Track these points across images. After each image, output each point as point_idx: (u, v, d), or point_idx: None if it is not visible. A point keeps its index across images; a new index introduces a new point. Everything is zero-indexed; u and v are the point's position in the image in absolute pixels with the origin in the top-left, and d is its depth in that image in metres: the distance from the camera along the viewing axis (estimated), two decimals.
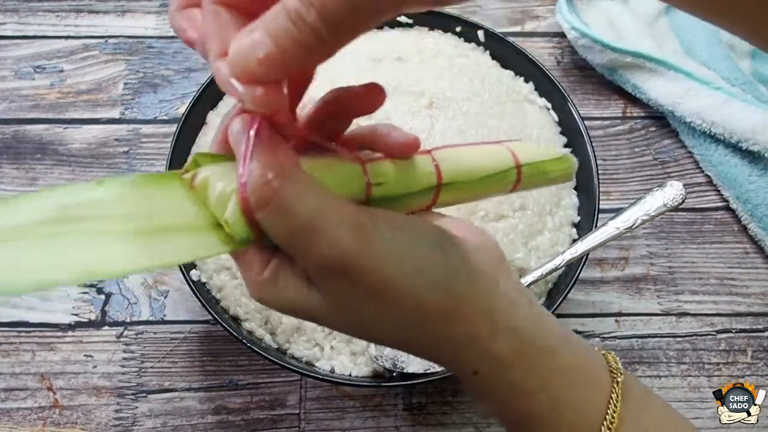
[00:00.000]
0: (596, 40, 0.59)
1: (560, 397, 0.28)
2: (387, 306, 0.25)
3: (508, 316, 0.27)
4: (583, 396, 0.28)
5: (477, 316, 0.27)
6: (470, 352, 0.28)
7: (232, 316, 0.47)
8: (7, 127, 0.59)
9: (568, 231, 0.51)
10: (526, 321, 0.28)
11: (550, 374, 0.28)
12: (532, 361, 0.28)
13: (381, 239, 0.24)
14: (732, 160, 0.56)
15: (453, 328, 0.27)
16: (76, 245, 0.23)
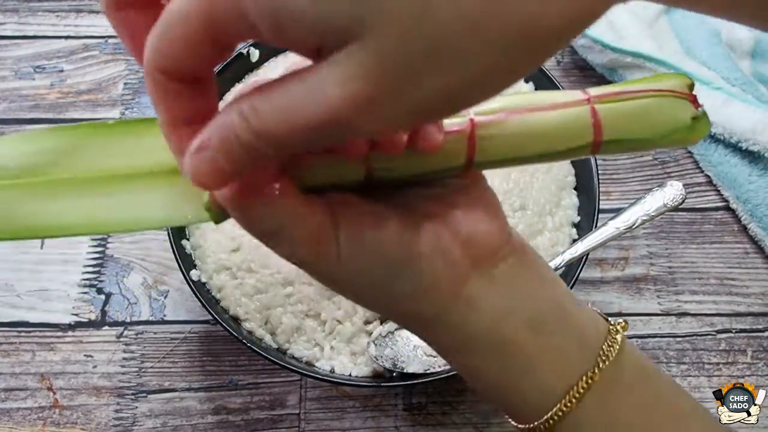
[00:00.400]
0: (596, 40, 0.59)
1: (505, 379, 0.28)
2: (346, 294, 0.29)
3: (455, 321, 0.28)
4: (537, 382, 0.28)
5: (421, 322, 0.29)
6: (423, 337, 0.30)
7: (232, 316, 0.47)
8: (7, 127, 0.59)
9: (568, 231, 0.51)
10: (479, 323, 0.28)
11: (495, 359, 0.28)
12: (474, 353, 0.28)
13: (338, 260, 0.25)
14: (732, 160, 0.56)
15: (404, 323, 0.30)
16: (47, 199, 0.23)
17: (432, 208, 0.27)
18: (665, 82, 0.28)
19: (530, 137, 0.26)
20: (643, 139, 0.27)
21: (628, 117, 0.27)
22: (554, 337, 0.28)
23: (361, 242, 0.25)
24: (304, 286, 0.46)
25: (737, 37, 0.62)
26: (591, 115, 0.27)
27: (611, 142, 0.27)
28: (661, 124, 0.27)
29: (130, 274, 0.52)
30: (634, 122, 0.27)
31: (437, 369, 0.44)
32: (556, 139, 0.27)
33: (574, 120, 0.27)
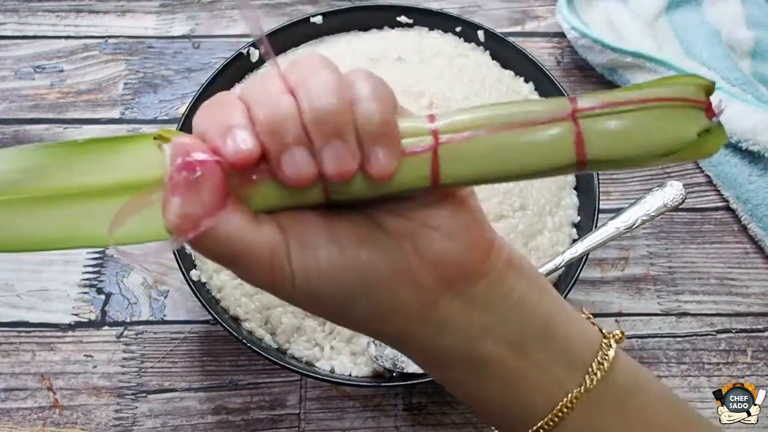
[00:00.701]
0: (596, 40, 0.59)
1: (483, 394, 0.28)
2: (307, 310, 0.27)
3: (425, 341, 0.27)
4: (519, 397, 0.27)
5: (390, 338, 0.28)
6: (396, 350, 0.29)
7: (232, 316, 0.47)
8: (7, 127, 0.59)
9: (568, 231, 0.51)
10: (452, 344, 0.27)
11: (474, 374, 0.27)
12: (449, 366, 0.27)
13: (293, 287, 0.25)
14: (732, 160, 0.56)
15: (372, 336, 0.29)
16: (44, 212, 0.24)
17: (399, 224, 0.25)
18: (674, 87, 0.24)
19: (502, 158, 0.24)
20: (635, 158, 0.24)
21: (618, 134, 0.24)
22: (538, 355, 0.27)
23: (315, 267, 0.24)
24: None
25: (737, 37, 0.62)
26: (574, 133, 0.24)
27: (597, 162, 0.24)
28: (659, 140, 0.24)
29: (130, 274, 0.52)
30: (626, 140, 0.24)
31: None
32: (531, 161, 0.24)
33: (552, 141, 0.24)
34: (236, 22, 0.65)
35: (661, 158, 0.24)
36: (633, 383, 0.28)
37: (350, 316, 0.26)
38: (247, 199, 0.24)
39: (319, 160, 0.23)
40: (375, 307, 0.25)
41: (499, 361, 0.27)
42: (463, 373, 0.27)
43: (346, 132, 0.23)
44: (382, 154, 0.23)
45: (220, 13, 0.66)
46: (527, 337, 0.27)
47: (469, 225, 0.26)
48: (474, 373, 0.27)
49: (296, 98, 0.23)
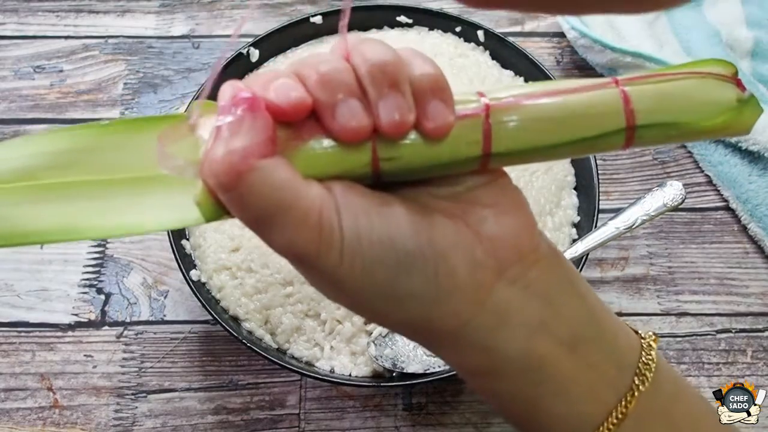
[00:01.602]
0: (596, 40, 0.59)
1: (538, 405, 0.25)
2: (347, 302, 0.25)
3: (482, 336, 0.24)
4: (574, 406, 0.25)
5: (438, 335, 0.25)
6: (440, 356, 0.27)
7: (232, 316, 0.47)
8: (7, 127, 0.59)
9: (568, 231, 0.51)
10: (513, 339, 0.24)
11: (529, 385, 0.25)
12: (504, 373, 0.25)
13: (342, 252, 0.22)
14: (732, 159, 0.56)
15: (416, 337, 0.26)
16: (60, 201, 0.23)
17: (448, 206, 0.24)
18: (705, 66, 0.25)
19: (552, 123, 0.23)
20: (684, 123, 0.24)
21: (664, 98, 0.24)
22: (591, 355, 0.25)
23: (367, 228, 0.22)
24: (304, 286, 0.46)
25: (737, 37, 0.62)
26: (621, 95, 0.24)
27: (647, 126, 0.24)
28: (704, 105, 0.24)
29: (130, 274, 0.52)
30: (673, 104, 0.24)
31: (437, 369, 0.44)
32: (582, 125, 0.23)
33: (601, 103, 0.24)
34: (236, 22, 0.65)
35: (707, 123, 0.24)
36: (675, 388, 0.28)
37: (399, 294, 0.23)
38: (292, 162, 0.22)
39: (375, 115, 0.22)
40: (429, 284, 0.23)
41: (555, 362, 0.25)
42: (518, 381, 0.25)
43: (403, 83, 0.22)
44: (438, 107, 0.23)
45: (220, 13, 0.66)
46: (580, 334, 0.25)
47: (518, 204, 0.25)
48: (529, 380, 0.25)
49: (350, 62, 0.23)
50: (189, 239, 0.49)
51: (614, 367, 0.26)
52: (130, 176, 0.23)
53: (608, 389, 0.25)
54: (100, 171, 0.23)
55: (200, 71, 0.62)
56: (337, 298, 0.25)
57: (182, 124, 0.24)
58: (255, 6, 0.67)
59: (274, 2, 0.67)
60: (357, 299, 0.24)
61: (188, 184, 0.23)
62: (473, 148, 0.23)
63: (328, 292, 0.25)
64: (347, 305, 0.25)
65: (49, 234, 0.23)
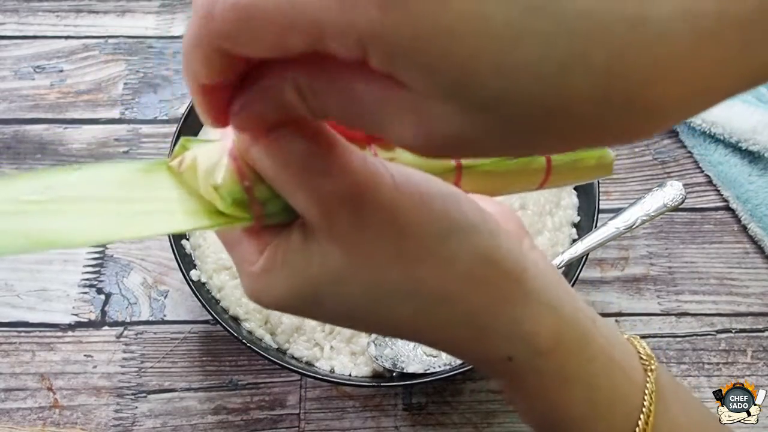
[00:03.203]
0: None
1: (595, 387, 0.25)
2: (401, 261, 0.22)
3: (541, 287, 0.24)
4: (618, 386, 0.26)
5: (506, 280, 0.23)
6: (502, 328, 0.24)
7: (232, 316, 0.47)
8: (7, 127, 0.59)
9: (568, 231, 0.51)
10: (561, 298, 0.24)
11: (586, 362, 0.25)
12: (569, 347, 0.25)
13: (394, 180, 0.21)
14: (732, 159, 0.56)
15: (478, 294, 0.23)
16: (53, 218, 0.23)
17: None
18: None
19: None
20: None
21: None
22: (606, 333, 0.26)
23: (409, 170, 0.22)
24: None
25: None
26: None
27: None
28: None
29: (130, 274, 0.52)
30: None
31: (437, 369, 0.44)
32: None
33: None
34: None
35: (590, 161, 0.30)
36: (670, 376, 0.28)
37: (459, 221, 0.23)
38: None
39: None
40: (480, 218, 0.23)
41: (592, 334, 0.25)
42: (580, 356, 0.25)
43: None
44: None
45: None
46: (590, 312, 0.26)
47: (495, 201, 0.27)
48: (585, 355, 0.25)
49: None
50: (189, 239, 0.49)
51: (624, 346, 0.27)
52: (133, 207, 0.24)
53: (632, 368, 0.26)
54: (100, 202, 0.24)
55: None
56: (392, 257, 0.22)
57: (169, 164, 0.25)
58: None
59: None
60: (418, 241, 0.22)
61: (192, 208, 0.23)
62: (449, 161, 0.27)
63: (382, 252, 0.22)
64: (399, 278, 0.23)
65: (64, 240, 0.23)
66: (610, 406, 0.26)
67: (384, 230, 0.21)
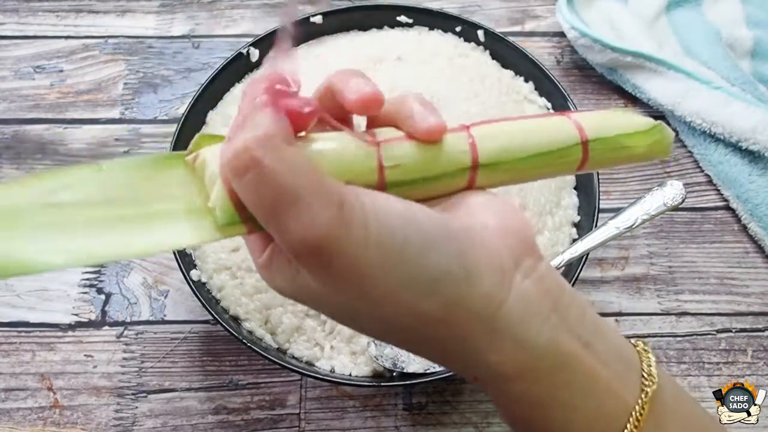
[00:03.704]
0: (596, 40, 0.59)
1: (572, 409, 0.25)
2: (367, 301, 0.24)
3: (515, 322, 0.24)
4: (602, 407, 0.25)
5: (474, 321, 0.24)
6: (467, 357, 0.25)
7: (232, 316, 0.47)
8: (7, 127, 0.59)
9: (568, 231, 0.51)
10: (539, 330, 0.25)
11: (561, 386, 0.25)
12: (539, 374, 0.25)
13: (366, 227, 0.22)
14: (732, 159, 0.56)
15: (443, 333, 0.25)
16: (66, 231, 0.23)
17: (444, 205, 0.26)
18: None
19: (521, 134, 0.28)
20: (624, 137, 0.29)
21: (604, 120, 0.29)
22: (602, 353, 0.26)
23: (386, 204, 0.23)
24: None
25: (737, 36, 0.62)
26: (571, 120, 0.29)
27: (596, 140, 0.28)
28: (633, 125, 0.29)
29: (130, 274, 0.52)
30: (611, 123, 0.29)
31: (437, 369, 0.44)
32: (545, 140, 0.28)
33: (556, 124, 0.28)
34: (236, 22, 0.65)
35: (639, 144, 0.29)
36: (675, 389, 0.28)
37: (431, 274, 0.23)
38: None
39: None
40: (457, 261, 0.23)
41: (577, 359, 0.25)
42: (552, 381, 0.25)
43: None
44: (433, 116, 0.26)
45: (220, 13, 0.66)
46: (588, 332, 0.26)
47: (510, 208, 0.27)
48: (560, 380, 0.25)
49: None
50: None
51: (623, 365, 0.26)
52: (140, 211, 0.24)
53: (624, 388, 0.26)
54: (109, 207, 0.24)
55: (200, 71, 0.62)
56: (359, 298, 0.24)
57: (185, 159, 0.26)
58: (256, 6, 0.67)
59: (274, 2, 0.67)
60: (382, 289, 0.23)
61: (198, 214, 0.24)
62: (464, 157, 0.27)
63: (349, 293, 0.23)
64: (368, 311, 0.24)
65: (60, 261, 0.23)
66: (589, 426, 0.26)
67: (350, 277, 0.23)
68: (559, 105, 0.54)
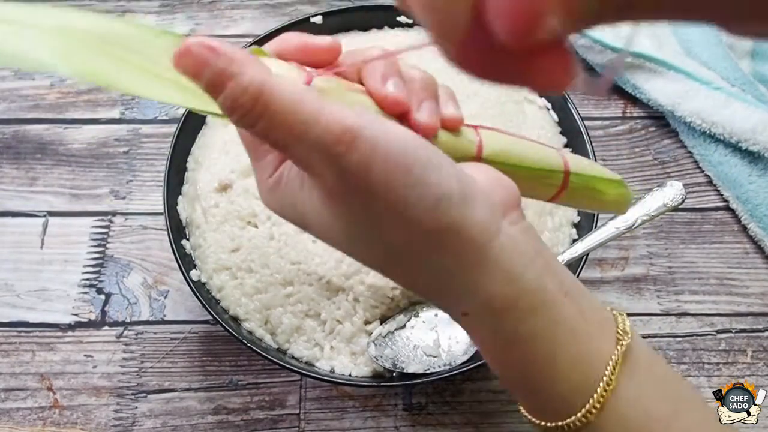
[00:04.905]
0: (596, 40, 0.59)
1: (554, 349, 0.27)
2: (369, 216, 0.25)
3: (505, 257, 0.26)
4: (582, 353, 0.27)
5: (468, 247, 0.25)
6: (459, 287, 0.27)
7: (232, 316, 0.47)
8: (7, 127, 0.59)
9: (568, 231, 0.51)
10: (527, 267, 0.26)
11: (547, 325, 0.27)
12: (526, 311, 0.26)
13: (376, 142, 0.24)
14: (732, 160, 0.56)
15: (440, 255, 0.26)
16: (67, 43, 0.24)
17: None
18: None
19: (520, 146, 0.32)
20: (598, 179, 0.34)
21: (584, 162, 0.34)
22: (581, 303, 0.27)
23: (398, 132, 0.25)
24: (304, 286, 0.46)
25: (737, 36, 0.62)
26: (559, 153, 0.33)
27: (576, 174, 0.33)
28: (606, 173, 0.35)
29: (130, 274, 0.52)
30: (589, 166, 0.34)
31: (437, 369, 0.44)
32: (538, 157, 0.32)
33: (547, 149, 0.33)
34: (236, 22, 0.65)
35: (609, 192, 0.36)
36: (649, 350, 0.29)
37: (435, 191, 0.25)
38: None
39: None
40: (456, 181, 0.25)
41: (560, 303, 0.27)
42: (541, 318, 0.26)
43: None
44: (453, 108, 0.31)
45: (220, 13, 0.66)
46: (569, 285, 0.27)
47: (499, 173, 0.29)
48: (549, 318, 0.26)
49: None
50: (189, 239, 0.49)
51: (601, 319, 0.28)
52: (149, 68, 0.25)
53: (602, 337, 0.27)
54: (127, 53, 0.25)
55: None
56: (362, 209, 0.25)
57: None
58: (256, 6, 0.67)
59: (274, 2, 0.67)
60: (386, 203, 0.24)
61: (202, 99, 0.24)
62: (470, 147, 0.30)
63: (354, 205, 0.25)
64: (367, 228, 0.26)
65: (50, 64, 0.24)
66: (571, 369, 0.27)
67: (358, 191, 0.24)
68: (559, 105, 0.54)
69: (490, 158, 0.30)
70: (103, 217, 0.55)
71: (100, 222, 0.54)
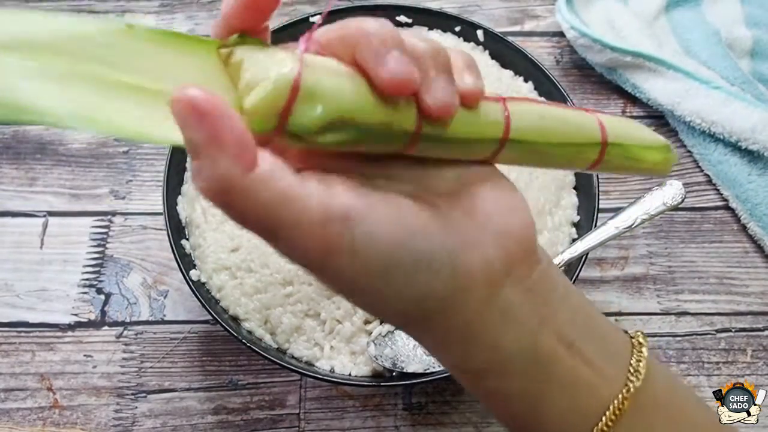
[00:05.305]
0: (596, 40, 0.59)
1: (542, 402, 0.26)
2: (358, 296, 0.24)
3: (494, 331, 0.25)
4: (574, 403, 0.26)
5: (450, 333, 0.25)
6: (442, 357, 0.28)
7: (232, 316, 0.47)
8: (7, 127, 0.59)
9: (568, 230, 0.51)
10: (516, 340, 0.25)
11: (529, 385, 0.26)
12: (509, 372, 0.26)
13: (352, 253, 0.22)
14: (731, 159, 0.56)
15: (421, 336, 0.26)
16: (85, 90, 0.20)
17: (451, 203, 0.25)
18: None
19: (552, 120, 0.27)
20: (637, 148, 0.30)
21: (624, 128, 0.30)
22: (586, 352, 0.26)
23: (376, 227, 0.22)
24: (303, 286, 0.46)
25: (736, 36, 0.62)
26: (596, 119, 0.29)
27: (614, 145, 0.29)
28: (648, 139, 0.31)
29: (129, 274, 0.52)
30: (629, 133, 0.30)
31: (437, 369, 0.44)
32: (572, 131, 0.28)
33: (584, 119, 0.28)
34: None
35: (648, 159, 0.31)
36: (669, 384, 0.28)
37: (419, 294, 0.23)
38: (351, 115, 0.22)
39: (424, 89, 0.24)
40: (448, 282, 0.23)
41: (557, 358, 0.26)
42: (524, 378, 0.26)
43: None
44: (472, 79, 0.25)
45: (219, 13, 0.66)
46: (575, 332, 0.26)
47: (518, 203, 0.26)
48: (535, 377, 0.26)
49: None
50: (189, 239, 0.49)
51: (608, 364, 0.27)
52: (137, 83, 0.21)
53: (605, 385, 0.26)
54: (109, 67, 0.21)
55: None
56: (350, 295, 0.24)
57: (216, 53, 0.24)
58: None
59: None
60: (371, 298, 0.24)
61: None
62: (497, 128, 0.26)
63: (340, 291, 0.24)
64: (360, 305, 0.25)
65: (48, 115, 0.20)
66: (562, 421, 0.26)
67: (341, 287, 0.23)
68: None
69: (518, 138, 0.26)
70: (102, 217, 0.55)
71: (99, 222, 0.54)
